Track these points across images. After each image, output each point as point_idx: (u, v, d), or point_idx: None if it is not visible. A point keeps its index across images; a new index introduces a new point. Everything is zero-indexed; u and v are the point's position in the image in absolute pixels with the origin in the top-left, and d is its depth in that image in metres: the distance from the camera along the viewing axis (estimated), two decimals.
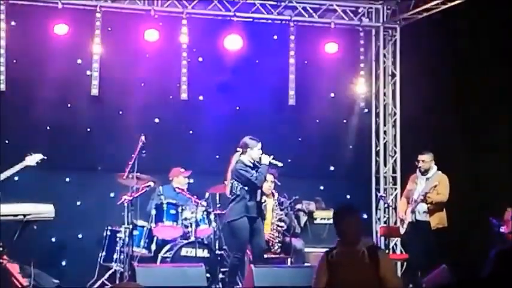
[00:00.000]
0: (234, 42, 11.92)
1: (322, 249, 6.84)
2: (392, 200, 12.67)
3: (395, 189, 12.76)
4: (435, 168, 10.72)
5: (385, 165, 12.85)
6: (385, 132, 12.92)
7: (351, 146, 12.98)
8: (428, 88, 12.09)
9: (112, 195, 11.37)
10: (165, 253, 10.55)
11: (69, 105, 11.81)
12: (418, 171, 10.82)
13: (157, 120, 12.20)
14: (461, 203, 10.99)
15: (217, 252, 10.75)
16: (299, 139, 12.77)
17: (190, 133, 12.37)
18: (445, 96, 12.09)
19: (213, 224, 10.83)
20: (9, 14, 11.23)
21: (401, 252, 12.37)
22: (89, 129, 11.88)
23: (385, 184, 12.84)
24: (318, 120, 12.80)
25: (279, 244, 10.73)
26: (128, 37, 11.72)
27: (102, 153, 11.77)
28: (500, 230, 10.61)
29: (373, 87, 12.92)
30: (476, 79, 11.72)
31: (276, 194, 10.86)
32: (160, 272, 9.74)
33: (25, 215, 9.10)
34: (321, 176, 12.84)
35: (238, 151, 9.86)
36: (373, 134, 12.96)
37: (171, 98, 12.11)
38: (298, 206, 11.99)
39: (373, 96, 12.93)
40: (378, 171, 12.87)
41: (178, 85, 11.83)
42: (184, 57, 11.80)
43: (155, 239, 10.80)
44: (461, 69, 11.92)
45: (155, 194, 11.11)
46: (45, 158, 9.70)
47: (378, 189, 12.75)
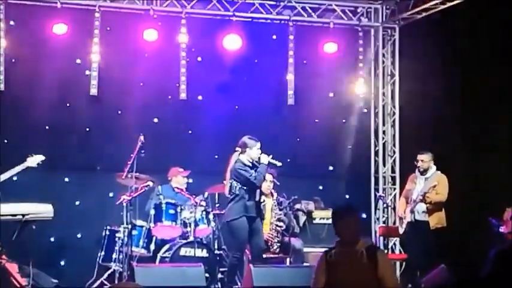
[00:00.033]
0: (233, 42, 11.91)
1: (321, 249, 6.82)
2: (391, 200, 12.67)
3: (394, 189, 12.76)
4: (434, 168, 10.72)
5: (384, 165, 12.85)
6: (384, 132, 12.92)
7: (350, 146, 12.97)
8: (427, 88, 12.09)
9: (111, 195, 11.36)
10: (164, 253, 10.55)
11: (68, 105, 11.81)
12: (417, 171, 10.82)
13: (156, 120, 12.20)
14: (461, 203, 10.98)
15: (216, 252, 10.74)
16: (298, 139, 12.76)
17: (189, 133, 12.37)
18: (444, 96, 12.08)
19: (212, 224, 10.82)
20: (8, 13, 11.21)
21: (400, 252, 12.37)
22: (88, 129, 11.88)
23: (384, 184, 12.84)
24: (317, 120, 12.80)
25: (278, 244, 10.72)
26: (127, 37, 11.71)
27: (101, 153, 11.76)
28: (500, 230, 10.61)
29: (372, 87, 12.91)
30: (476, 79, 11.71)
31: (275, 194, 10.85)
32: (159, 272, 9.74)
33: (24, 215, 9.10)
34: (320, 176, 12.83)
35: (237, 151, 9.85)
36: (372, 133, 12.96)
37: (170, 97, 12.10)
38: (297, 206, 11.98)
39: (372, 96, 12.92)
40: (376, 171, 12.86)
41: (177, 85, 11.81)
42: (183, 57, 11.78)
43: (154, 239, 10.79)
44: (461, 69, 11.92)
45: (154, 194, 11.10)
46: (45, 158, 9.72)
47: (377, 189, 12.74)
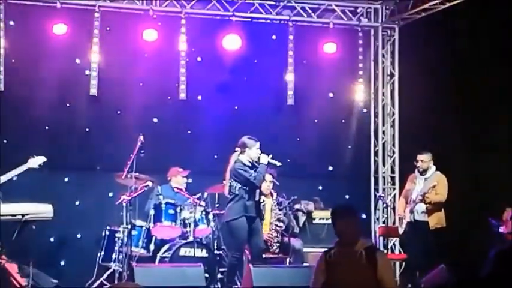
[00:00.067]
0: (232, 42, 11.91)
1: (321, 249, 6.83)
2: (391, 200, 12.67)
3: (394, 189, 12.76)
4: (434, 168, 10.72)
5: (384, 165, 12.85)
6: (383, 132, 12.92)
7: (349, 146, 12.97)
8: (427, 88, 12.08)
9: (111, 195, 11.34)
10: (164, 253, 10.54)
11: (67, 105, 11.80)
12: (416, 171, 10.82)
13: (156, 120, 12.19)
14: (461, 203, 10.98)
15: (216, 252, 10.74)
16: (297, 139, 12.76)
17: (189, 133, 12.35)
18: (444, 96, 12.08)
19: (212, 224, 10.82)
20: (8, 13, 11.21)
21: (400, 252, 12.37)
22: (87, 129, 11.86)
23: (384, 184, 12.84)
24: (316, 120, 12.80)
25: (278, 244, 10.72)
26: (127, 37, 11.71)
27: (101, 153, 11.76)
28: (500, 230, 10.60)
29: (372, 88, 12.92)
30: (476, 79, 11.71)
31: (275, 194, 10.85)
32: (158, 272, 9.74)
33: (24, 215, 9.10)
34: (319, 176, 12.82)
35: (237, 151, 9.85)
36: (372, 134, 12.96)
37: (170, 97, 12.10)
38: (297, 206, 11.98)
39: (372, 96, 12.93)
40: (376, 171, 12.87)
41: (177, 85, 11.81)
42: (182, 57, 11.78)
43: (154, 239, 10.79)
44: (461, 69, 11.91)
45: (154, 194, 11.09)
46: (46, 160, 9.74)
47: (376, 189, 12.74)
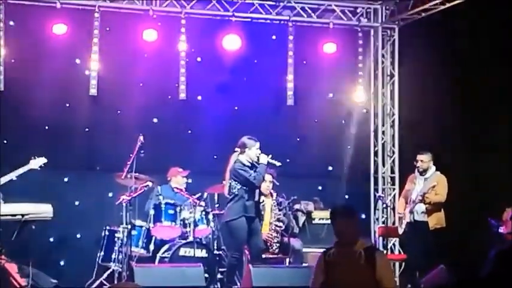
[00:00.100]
0: (232, 42, 11.91)
1: (321, 250, 6.82)
2: (390, 200, 12.66)
3: (393, 189, 12.75)
4: (433, 168, 10.72)
5: (384, 165, 12.85)
6: (383, 132, 12.91)
7: (349, 146, 12.96)
8: (426, 88, 12.09)
9: (110, 195, 11.34)
10: (164, 253, 10.54)
11: (67, 105, 11.79)
12: (416, 171, 10.82)
13: (156, 120, 12.19)
14: (461, 203, 10.98)
15: (216, 252, 10.74)
16: (297, 139, 12.76)
17: (189, 133, 12.35)
18: (444, 96, 12.08)
19: (212, 224, 10.82)
20: (8, 13, 11.21)
21: (400, 252, 12.37)
22: (87, 129, 11.85)
23: (384, 184, 12.84)
24: (316, 120, 12.80)
25: (277, 244, 10.72)
26: (127, 37, 11.70)
27: (101, 153, 11.76)
28: (499, 230, 10.61)
29: (372, 88, 12.92)
30: (476, 79, 11.71)
31: (275, 194, 10.85)
32: (158, 272, 9.73)
33: (23, 215, 9.09)
34: (319, 176, 12.82)
35: (237, 151, 9.85)
36: (372, 134, 12.96)
37: (170, 98, 12.09)
38: (297, 206, 11.98)
39: (372, 96, 12.92)
40: (376, 172, 12.86)
41: (177, 85, 11.81)
42: (182, 57, 11.78)
43: (153, 239, 10.79)
44: (460, 69, 11.91)
45: (153, 194, 11.09)
46: (46, 160, 9.76)
47: (376, 190, 12.74)
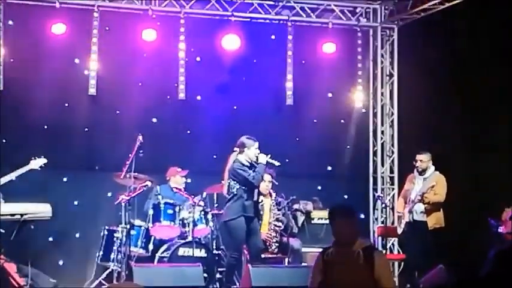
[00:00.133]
0: (231, 42, 11.91)
1: (320, 249, 6.82)
2: (389, 200, 12.67)
3: (392, 189, 12.76)
4: (433, 168, 10.72)
5: (383, 165, 12.85)
6: (382, 132, 12.92)
7: (348, 146, 12.96)
8: (426, 88, 12.09)
9: (109, 195, 11.32)
10: (163, 253, 10.54)
11: (66, 104, 11.78)
12: (415, 171, 10.82)
13: (155, 120, 12.18)
14: (461, 203, 10.99)
15: (215, 252, 10.74)
16: (297, 139, 12.75)
17: (188, 133, 12.34)
18: (443, 96, 12.09)
19: (211, 224, 10.82)
20: (7, 13, 11.20)
21: (399, 252, 12.37)
22: (86, 129, 11.84)
23: (383, 184, 12.84)
24: (315, 120, 12.79)
25: (277, 244, 10.72)
26: (126, 37, 11.70)
27: (100, 152, 11.74)
28: (499, 230, 10.61)
29: (371, 88, 12.92)
30: (476, 79, 11.72)
31: (274, 194, 10.84)
32: (157, 272, 9.73)
33: (22, 215, 9.09)
34: (318, 176, 12.81)
35: (236, 151, 9.85)
36: (371, 134, 12.96)
37: (169, 97, 12.09)
38: (296, 206, 11.98)
39: (371, 96, 12.93)
40: (375, 171, 12.86)
41: (176, 85, 11.81)
42: (181, 57, 11.78)
43: (152, 239, 10.78)
44: (460, 69, 11.92)
45: (152, 194, 11.09)
46: (46, 161, 9.76)
47: (375, 189, 12.74)
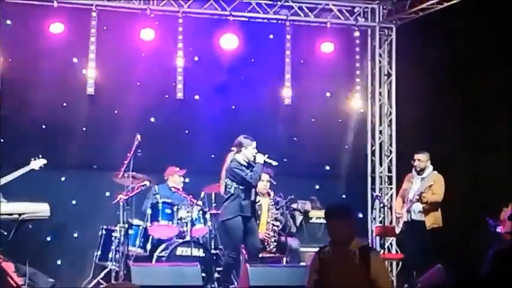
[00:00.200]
0: (230, 42, 11.90)
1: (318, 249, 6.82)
2: (387, 200, 12.66)
3: (390, 188, 12.75)
4: (431, 167, 10.72)
5: (381, 164, 12.85)
6: (380, 132, 12.91)
7: (346, 146, 12.96)
8: (424, 88, 12.09)
9: (107, 195, 11.31)
10: (161, 252, 10.54)
11: (64, 104, 11.77)
12: (414, 171, 10.82)
13: (153, 119, 12.18)
14: (461, 203, 11.00)
15: (213, 251, 10.74)
16: (295, 138, 12.76)
17: (186, 132, 12.34)
18: (442, 96, 12.09)
19: (209, 223, 10.82)
20: (5, 12, 11.16)
21: (397, 251, 12.37)
22: (84, 128, 11.83)
23: (381, 184, 12.83)
24: (313, 119, 12.79)
25: (275, 243, 10.73)
26: (124, 36, 11.69)
27: (98, 152, 11.73)
28: (497, 230, 10.61)
29: (369, 87, 12.92)
30: (475, 79, 11.71)
31: (272, 194, 10.85)
32: (155, 271, 9.72)
33: (20, 214, 9.10)
34: (316, 176, 12.82)
35: (233, 150, 9.86)
36: (369, 133, 12.95)
37: (167, 97, 12.08)
38: (294, 206, 11.96)
39: (369, 96, 12.92)
40: (373, 171, 12.85)
41: (174, 84, 11.80)
42: (180, 56, 11.78)
43: (151, 238, 10.79)
44: (458, 69, 11.93)
45: (151, 193, 11.10)
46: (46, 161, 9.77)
47: (373, 189, 12.73)
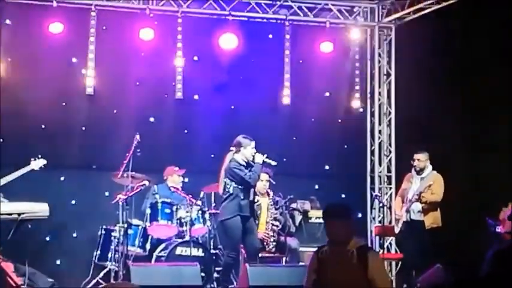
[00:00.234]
0: (229, 41, 11.89)
1: None
2: (387, 200, 12.66)
3: (390, 188, 12.75)
4: (430, 167, 10.72)
5: (380, 164, 12.85)
6: (380, 131, 12.91)
7: (345, 145, 12.96)
8: (423, 87, 12.09)
9: (107, 194, 11.32)
10: (160, 252, 10.54)
11: (64, 104, 11.78)
12: (413, 171, 10.82)
13: (152, 119, 12.18)
14: (461, 203, 11.00)
15: (212, 251, 10.75)
16: (294, 138, 12.76)
17: (186, 132, 12.34)
18: (441, 95, 12.09)
19: (208, 223, 10.82)
20: (4, 12, 11.17)
21: (396, 251, 12.38)
22: (83, 128, 11.83)
23: (380, 183, 12.83)
24: (313, 119, 12.79)
25: (274, 243, 10.73)
26: (123, 36, 11.68)
27: (97, 152, 11.74)
28: (497, 229, 10.62)
29: (368, 87, 12.92)
30: (475, 79, 11.72)
31: (271, 193, 10.85)
32: (155, 271, 9.71)
33: (20, 214, 9.11)
34: (316, 175, 12.82)
35: (232, 150, 9.86)
36: (368, 133, 12.95)
37: (166, 97, 12.08)
38: (293, 205, 11.97)
39: (368, 95, 12.93)
40: (372, 171, 12.86)
41: (174, 84, 11.81)
42: (179, 56, 11.78)
43: (150, 238, 10.79)
44: (458, 68, 11.93)
45: (150, 193, 11.09)
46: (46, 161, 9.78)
47: (372, 189, 12.73)
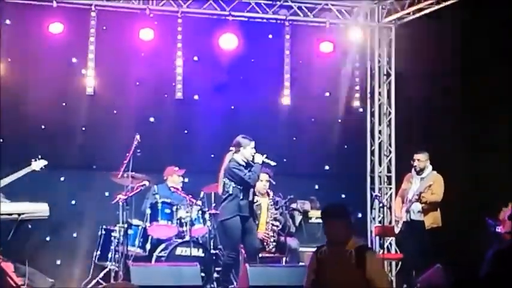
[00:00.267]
0: (229, 42, 11.89)
1: None
2: (387, 200, 12.66)
3: (390, 188, 12.75)
4: (430, 167, 10.72)
5: (380, 164, 12.85)
6: (380, 131, 12.91)
7: (345, 146, 12.97)
8: (423, 88, 12.10)
9: (107, 195, 11.32)
10: (160, 252, 10.54)
11: (64, 104, 11.79)
12: (413, 171, 10.82)
13: (152, 119, 12.19)
14: (461, 203, 11.00)
15: (212, 251, 10.74)
16: (294, 138, 12.77)
17: (186, 132, 12.35)
18: (441, 95, 12.09)
19: (208, 223, 10.82)
20: (4, 12, 11.17)
21: (396, 251, 12.38)
22: (83, 128, 11.84)
23: (380, 183, 12.83)
24: (313, 119, 12.81)
25: (274, 243, 10.73)
26: (123, 36, 11.68)
27: (97, 152, 11.75)
28: (497, 230, 10.62)
29: (368, 87, 12.92)
30: (475, 79, 11.71)
31: (271, 193, 10.85)
32: (155, 271, 9.72)
33: (20, 214, 9.09)
34: (316, 175, 12.84)
35: (232, 150, 9.86)
36: (368, 133, 12.95)
37: (166, 97, 12.09)
38: (293, 205, 11.98)
39: (368, 95, 12.93)
40: (372, 171, 12.86)
41: (174, 84, 11.80)
42: (179, 56, 11.78)
43: (150, 238, 10.78)
44: (458, 68, 11.93)
45: (150, 193, 11.09)
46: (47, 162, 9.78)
47: (372, 189, 12.74)
